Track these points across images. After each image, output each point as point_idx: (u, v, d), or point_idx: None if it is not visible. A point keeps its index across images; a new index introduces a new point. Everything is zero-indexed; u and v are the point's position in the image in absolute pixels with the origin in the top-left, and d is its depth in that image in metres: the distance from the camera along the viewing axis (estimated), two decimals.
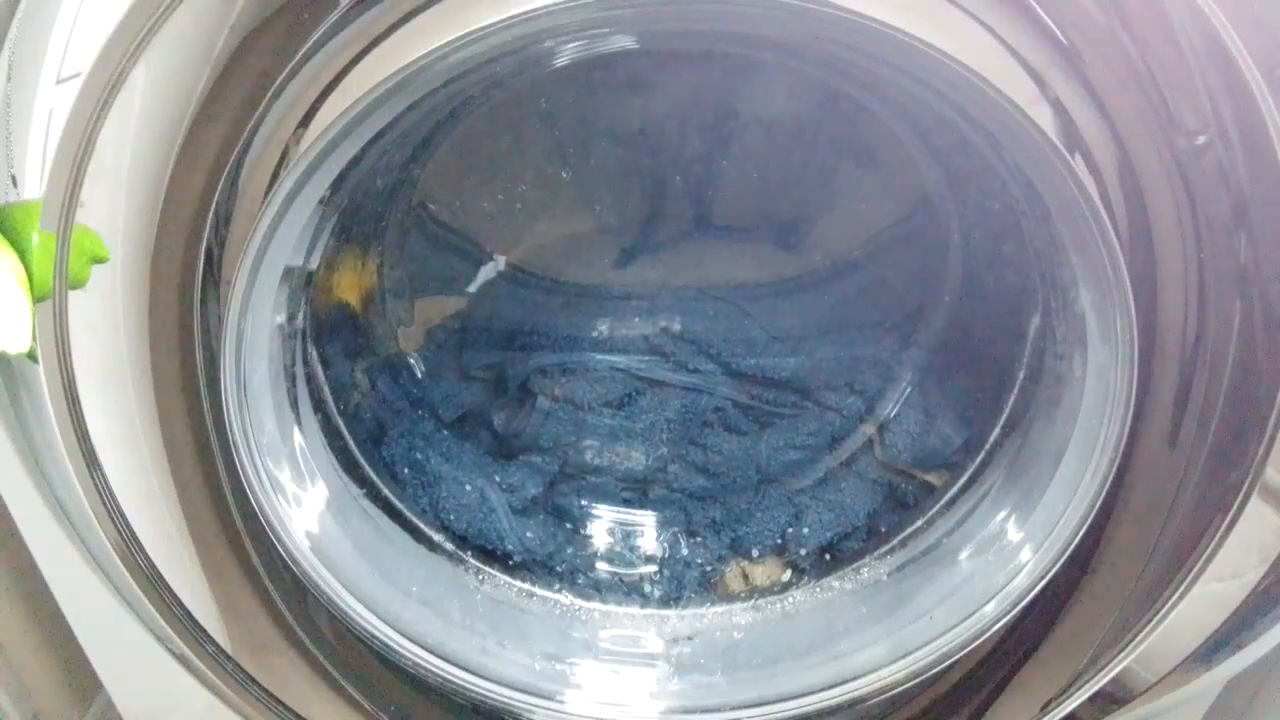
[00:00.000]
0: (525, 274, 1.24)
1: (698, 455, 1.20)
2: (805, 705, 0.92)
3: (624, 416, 1.21)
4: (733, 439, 1.20)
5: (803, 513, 1.13)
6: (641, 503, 1.20)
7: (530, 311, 1.23)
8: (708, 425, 1.22)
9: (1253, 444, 0.73)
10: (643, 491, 1.20)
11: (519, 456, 1.18)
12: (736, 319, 1.23)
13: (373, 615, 0.91)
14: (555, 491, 1.18)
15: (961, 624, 0.89)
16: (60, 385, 0.73)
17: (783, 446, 1.19)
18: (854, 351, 1.21)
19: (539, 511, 1.16)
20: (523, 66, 0.96)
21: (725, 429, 1.21)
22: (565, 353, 1.23)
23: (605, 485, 1.20)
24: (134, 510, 0.79)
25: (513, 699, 0.94)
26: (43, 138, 0.67)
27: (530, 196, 1.19)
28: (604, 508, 1.19)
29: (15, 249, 0.67)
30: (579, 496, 1.19)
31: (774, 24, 0.82)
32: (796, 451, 1.18)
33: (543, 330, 1.24)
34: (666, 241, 1.23)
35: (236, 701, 0.90)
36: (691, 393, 1.22)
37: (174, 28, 0.70)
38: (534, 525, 1.13)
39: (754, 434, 1.20)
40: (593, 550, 1.15)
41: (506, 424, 1.19)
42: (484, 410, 1.21)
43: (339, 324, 1.08)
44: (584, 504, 1.18)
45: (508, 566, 1.08)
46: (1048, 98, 0.72)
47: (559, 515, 1.17)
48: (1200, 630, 0.79)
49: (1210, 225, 0.74)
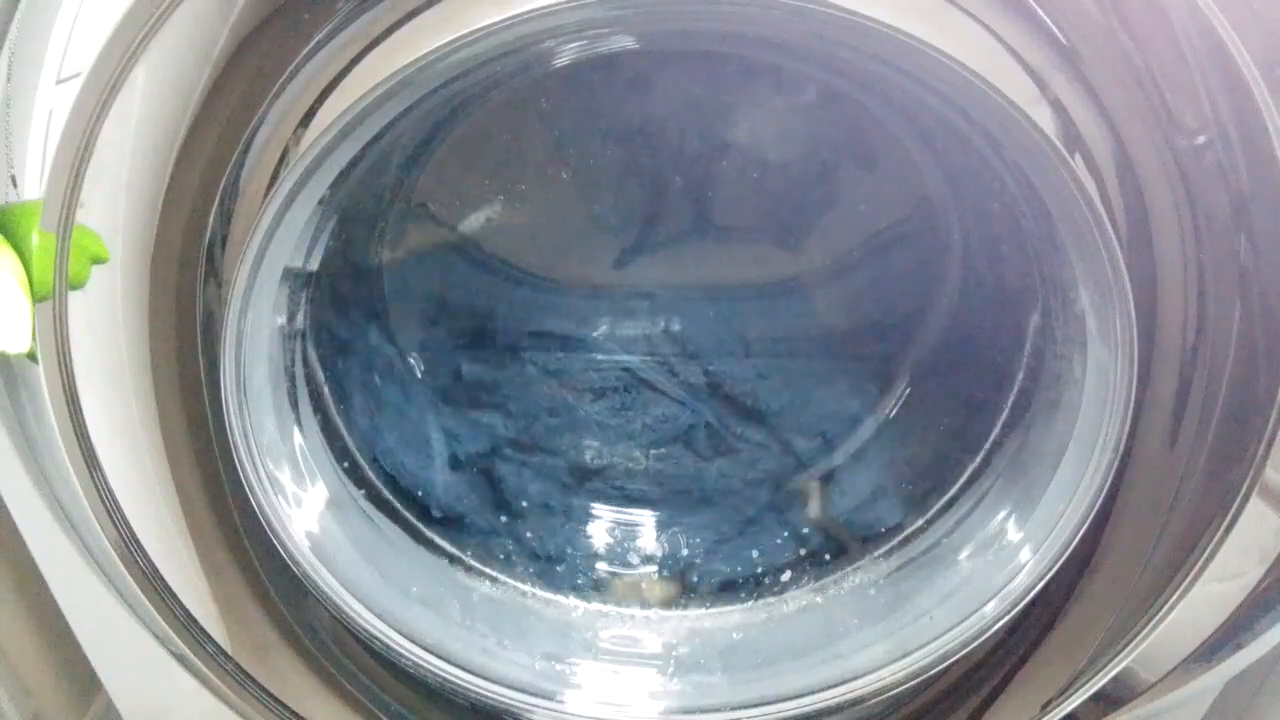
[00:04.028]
0: (525, 273, 1.24)
1: (650, 462, 1.21)
2: (805, 705, 0.92)
3: (604, 408, 1.22)
4: (688, 456, 1.21)
5: (720, 544, 1.14)
6: (582, 493, 1.21)
7: (529, 311, 1.24)
8: (675, 439, 1.23)
9: (1253, 444, 0.73)
10: (580, 481, 1.21)
11: (475, 410, 1.17)
12: (735, 320, 1.24)
13: (373, 615, 0.91)
14: (499, 455, 1.18)
15: (961, 624, 0.89)
16: (60, 385, 0.73)
17: (730, 477, 1.20)
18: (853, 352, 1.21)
19: (471, 470, 1.15)
20: (523, 66, 0.96)
21: (685, 445, 1.23)
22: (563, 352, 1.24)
23: (553, 467, 1.20)
24: (134, 510, 0.79)
25: (513, 699, 0.94)
26: (43, 138, 0.67)
27: (530, 196, 1.19)
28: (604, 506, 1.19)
29: (15, 249, 0.67)
30: (520, 469, 1.18)
31: (774, 24, 0.82)
32: (741, 485, 1.19)
33: (542, 330, 1.24)
34: (666, 241, 1.23)
35: (236, 701, 0.89)
36: (676, 404, 1.22)
37: (174, 28, 0.70)
38: (460, 482, 1.12)
39: (709, 458, 1.22)
40: (592, 550, 1.15)
41: (482, 373, 1.19)
42: (452, 354, 1.21)
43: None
44: (521, 478, 1.18)
45: (508, 567, 1.08)
46: (1048, 98, 0.72)
47: (490, 481, 1.16)
48: (1200, 630, 0.79)
49: (1210, 225, 0.74)
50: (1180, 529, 0.79)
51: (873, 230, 1.20)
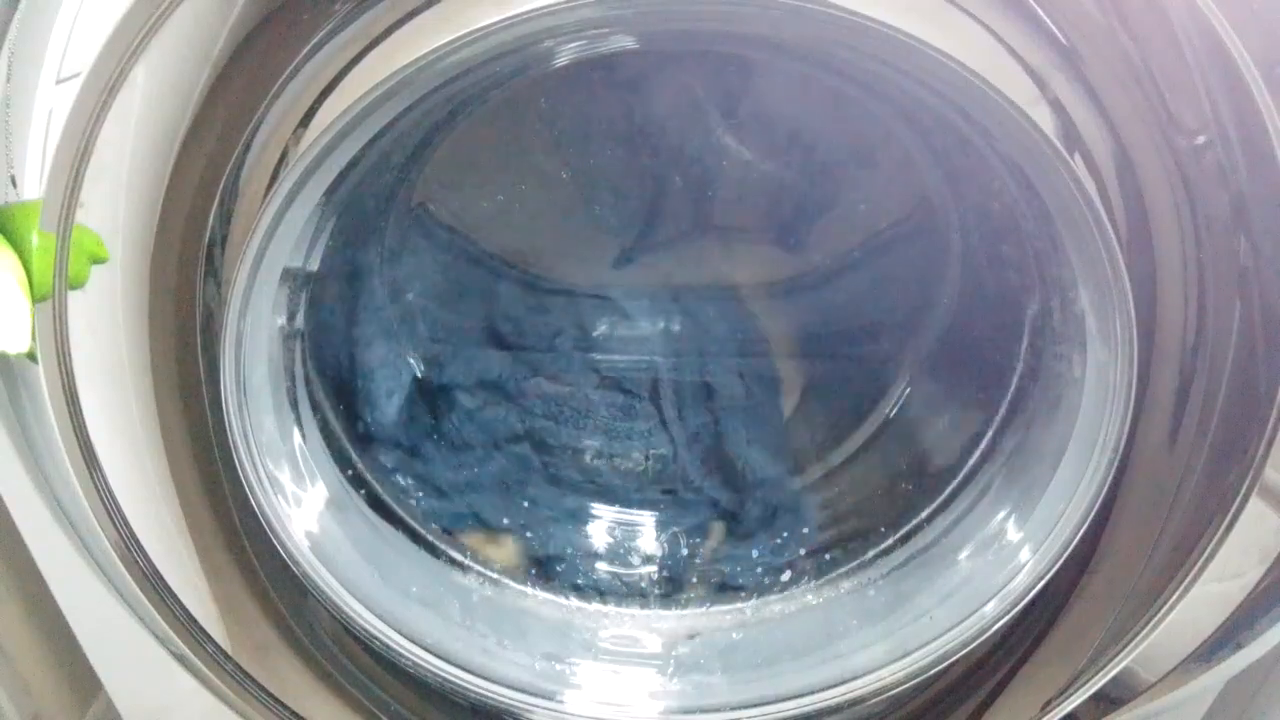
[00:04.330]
0: (524, 274, 1.24)
1: (650, 462, 1.22)
2: (805, 705, 0.92)
3: (604, 409, 1.22)
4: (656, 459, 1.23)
5: (720, 545, 1.15)
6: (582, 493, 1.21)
7: (529, 311, 1.24)
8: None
9: (1253, 444, 0.73)
10: (580, 481, 1.21)
11: (474, 410, 1.18)
12: (735, 320, 1.24)
13: (373, 615, 0.91)
14: (499, 455, 1.18)
15: (961, 624, 0.89)
16: (60, 385, 0.73)
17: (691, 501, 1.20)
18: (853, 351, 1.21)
19: (423, 395, 1.16)
20: (523, 66, 0.96)
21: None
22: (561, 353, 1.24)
23: (552, 466, 1.20)
24: (134, 510, 0.79)
25: (513, 699, 0.94)
26: (43, 138, 0.67)
27: (530, 196, 1.19)
28: (603, 506, 1.19)
29: (15, 249, 0.67)
30: (519, 468, 1.19)
31: (774, 24, 0.82)
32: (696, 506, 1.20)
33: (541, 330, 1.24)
34: (666, 241, 1.23)
35: (236, 701, 0.89)
36: (673, 410, 1.23)
37: (174, 28, 0.70)
38: (406, 406, 1.13)
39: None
40: (592, 550, 1.15)
41: (482, 373, 1.20)
42: (452, 354, 1.22)
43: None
44: (520, 478, 1.18)
45: (509, 565, 1.08)
46: (1048, 98, 0.72)
47: (433, 406, 1.16)
48: (1200, 630, 0.79)
49: (1210, 225, 0.74)
50: (1180, 529, 0.79)
51: (872, 230, 1.20)
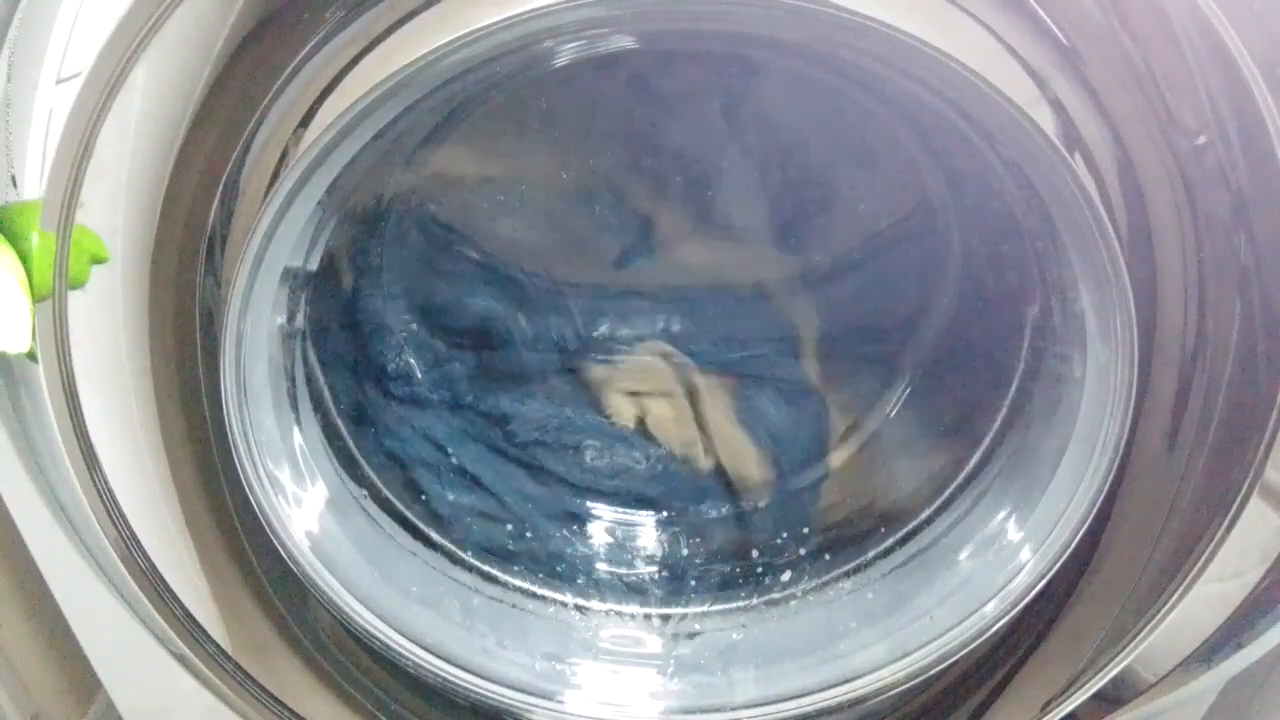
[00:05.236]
0: (524, 273, 1.24)
1: (650, 463, 1.22)
2: (805, 705, 0.92)
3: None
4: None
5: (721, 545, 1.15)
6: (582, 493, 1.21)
7: (529, 311, 1.23)
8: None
9: (1253, 444, 0.73)
10: (580, 481, 1.21)
11: (473, 409, 1.19)
12: (735, 320, 1.24)
13: (373, 615, 0.91)
14: (499, 454, 1.19)
15: (961, 624, 0.89)
16: (60, 385, 0.73)
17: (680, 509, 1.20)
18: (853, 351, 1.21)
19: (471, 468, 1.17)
20: (522, 67, 0.96)
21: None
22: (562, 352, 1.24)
23: (552, 466, 1.20)
24: (134, 510, 0.79)
25: (513, 699, 0.94)
26: (43, 138, 0.67)
27: (530, 196, 1.19)
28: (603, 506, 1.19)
29: (15, 249, 0.67)
30: (519, 468, 1.19)
31: (774, 24, 0.82)
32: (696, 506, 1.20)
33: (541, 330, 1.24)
34: (666, 241, 1.23)
35: (236, 702, 0.89)
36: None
37: (174, 28, 0.70)
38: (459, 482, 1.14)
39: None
40: (593, 550, 1.15)
41: (481, 372, 1.21)
42: (451, 354, 1.22)
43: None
44: (520, 477, 1.19)
45: (508, 566, 1.08)
46: (1048, 98, 0.72)
47: (489, 480, 1.17)
48: (1200, 630, 0.79)
49: (1210, 225, 0.74)
50: (1180, 529, 0.79)
51: (872, 230, 1.20)
